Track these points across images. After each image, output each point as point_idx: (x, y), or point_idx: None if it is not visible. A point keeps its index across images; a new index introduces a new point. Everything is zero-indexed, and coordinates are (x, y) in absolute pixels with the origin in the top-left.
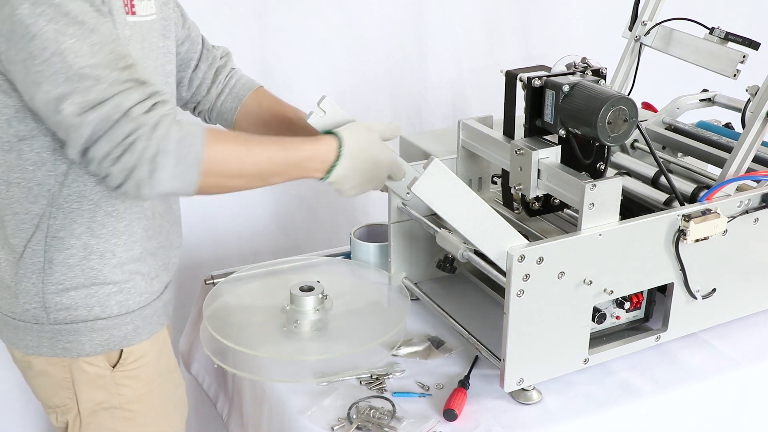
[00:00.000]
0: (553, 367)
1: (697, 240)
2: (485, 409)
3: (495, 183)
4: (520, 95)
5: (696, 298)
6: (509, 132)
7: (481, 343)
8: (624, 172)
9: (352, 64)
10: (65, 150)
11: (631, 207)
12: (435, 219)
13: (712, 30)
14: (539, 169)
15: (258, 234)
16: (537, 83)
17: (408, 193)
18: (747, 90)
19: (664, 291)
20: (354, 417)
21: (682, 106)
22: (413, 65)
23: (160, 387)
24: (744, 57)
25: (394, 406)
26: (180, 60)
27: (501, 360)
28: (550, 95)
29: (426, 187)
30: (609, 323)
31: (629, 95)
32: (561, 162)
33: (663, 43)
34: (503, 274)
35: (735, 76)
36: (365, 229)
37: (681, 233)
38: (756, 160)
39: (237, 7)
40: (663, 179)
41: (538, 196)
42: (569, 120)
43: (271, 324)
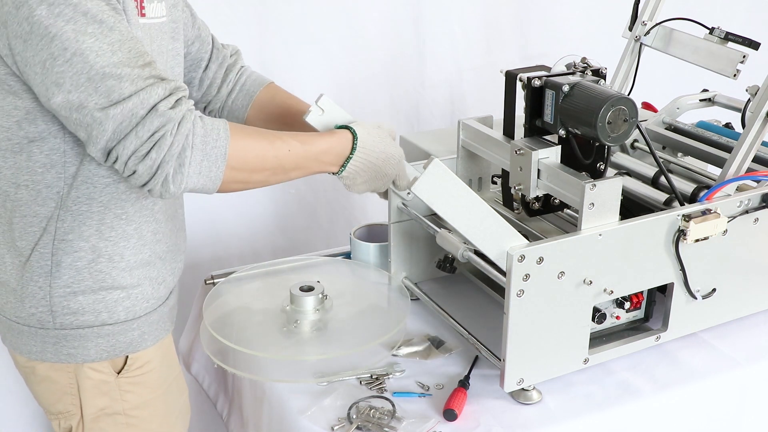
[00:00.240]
0: (553, 367)
1: (697, 240)
2: (485, 409)
3: (495, 183)
4: (520, 95)
5: (696, 298)
6: (509, 132)
7: (481, 343)
8: (624, 172)
9: (350, 63)
10: (87, 149)
11: (631, 207)
12: (435, 219)
13: (712, 30)
14: (539, 169)
15: (258, 234)
16: (537, 83)
17: (408, 193)
18: (747, 90)
19: (664, 291)
20: (354, 417)
21: (682, 106)
22: (411, 64)
23: (164, 394)
24: (744, 57)
25: (394, 406)
26: (191, 60)
27: (501, 360)
28: (550, 95)
29: (426, 187)
30: (609, 323)
31: (629, 95)
32: (561, 162)
33: (663, 43)
34: (503, 274)
35: (735, 76)
36: (365, 229)
37: (681, 233)
38: (756, 160)
39: (237, 7)
40: (663, 179)
41: (538, 196)
42: (569, 120)
43: (271, 324)
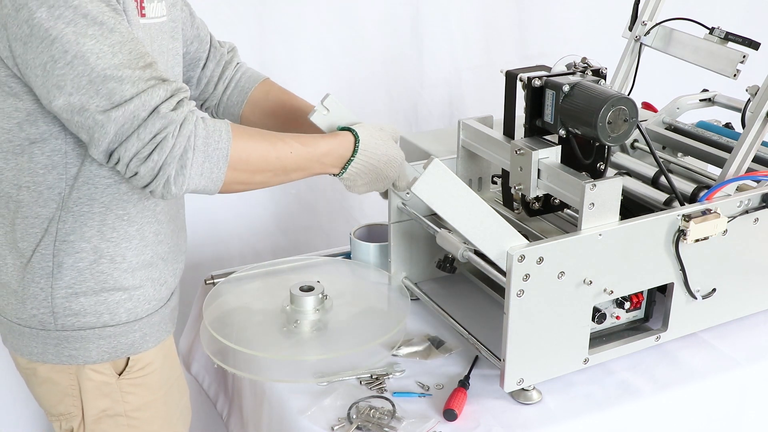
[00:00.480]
0: (553, 367)
1: (697, 240)
2: (485, 409)
3: (495, 183)
4: (520, 95)
5: (696, 298)
6: (509, 132)
7: (481, 343)
8: (624, 172)
9: (349, 63)
10: (89, 150)
11: (631, 207)
12: (435, 219)
13: (712, 30)
14: (539, 169)
15: (258, 234)
16: (537, 83)
17: (408, 193)
18: (747, 90)
19: (664, 291)
20: (354, 417)
21: (682, 106)
22: (410, 64)
23: (165, 395)
24: (744, 57)
25: (394, 406)
26: (189, 59)
27: (501, 360)
28: (550, 95)
29: (426, 187)
30: (609, 323)
31: (629, 95)
32: (561, 162)
33: (663, 43)
34: (503, 274)
35: (735, 76)
36: (365, 229)
37: (681, 233)
38: (756, 160)
39: (237, 7)
40: (663, 179)
41: (538, 196)
42: (569, 120)
43: (271, 324)
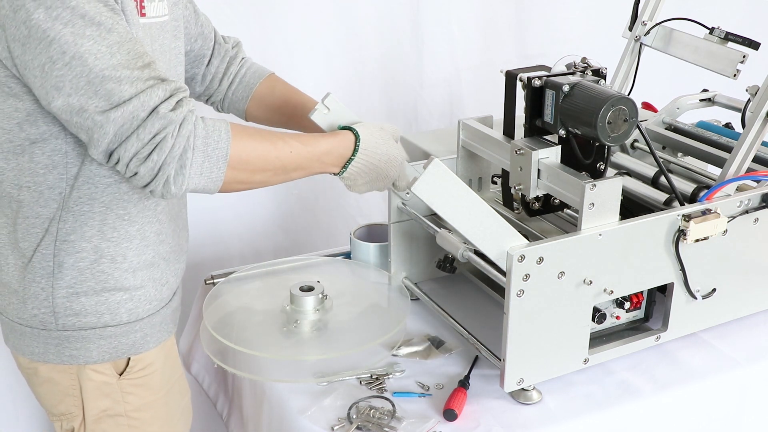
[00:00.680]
0: (553, 367)
1: (697, 240)
2: (485, 409)
3: (495, 183)
4: (520, 95)
5: (696, 298)
6: (509, 132)
7: (481, 343)
8: (624, 172)
9: (348, 62)
10: (88, 151)
11: (631, 207)
12: (435, 219)
13: (712, 30)
14: (539, 169)
15: (258, 234)
16: (537, 83)
17: (408, 193)
18: (747, 90)
19: (664, 291)
20: (354, 417)
21: (682, 106)
22: (410, 64)
23: (166, 395)
24: (744, 57)
25: (394, 406)
26: (193, 56)
27: (501, 360)
28: (550, 95)
29: (426, 187)
30: (609, 323)
31: (629, 95)
32: (561, 162)
33: (663, 43)
34: (503, 274)
35: (735, 76)
36: (365, 229)
37: (681, 233)
38: (756, 160)
39: (237, 7)
40: (663, 179)
41: (538, 196)
42: (569, 120)
43: (271, 324)
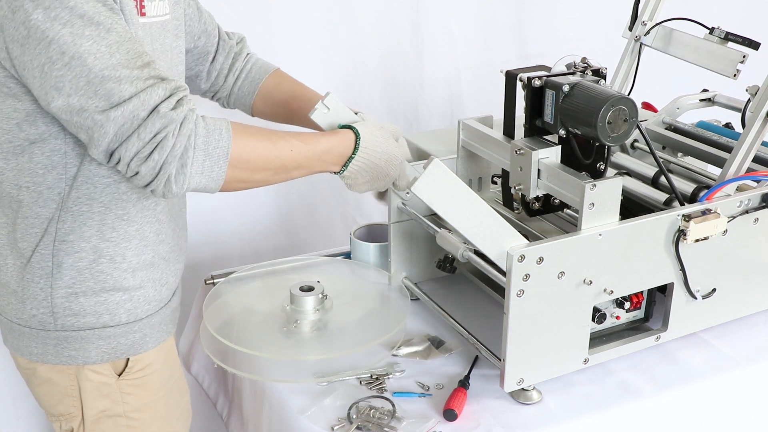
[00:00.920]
0: (553, 367)
1: (697, 240)
2: (485, 409)
3: (495, 183)
4: (520, 95)
5: (696, 298)
6: (509, 132)
7: (481, 343)
8: (624, 172)
9: (348, 62)
10: (88, 150)
11: (631, 207)
12: (435, 219)
13: (712, 30)
14: (539, 169)
15: (258, 234)
16: (537, 83)
17: (408, 193)
18: (747, 90)
19: (664, 291)
20: (354, 417)
21: (682, 106)
22: (410, 64)
23: (165, 396)
24: (744, 57)
25: (394, 406)
26: (198, 53)
27: (501, 360)
28: (550, 95)
29: (426, 187)
30: (609, 323)
31: (629, 95)
32: (561, 162)
33: (663, 43)
34: (503, 274)
35: (735, 76)
36: (365, 229)
37: (681, 233)
38: (756, 160)
39: (237, 7)
40: (663, 179)
41: (538, 196)
42: (569, 120)
43: (271, 324)
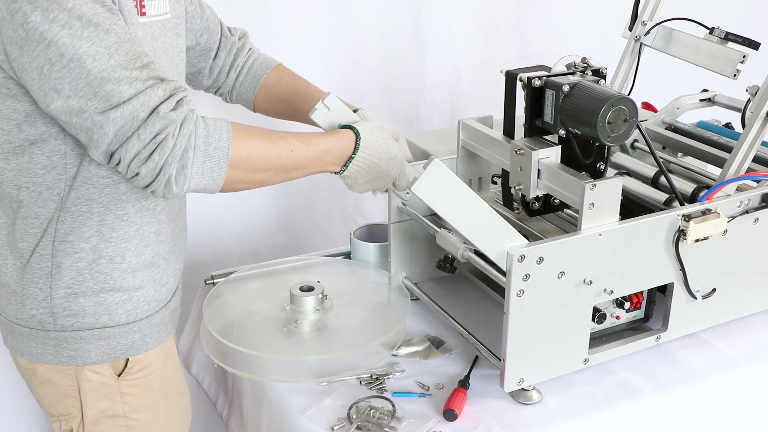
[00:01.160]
0: (553, 367)
1: (697, 240)
2: (485, 409)
3: (495, 183)
4: (520, 95)
5: (696, 298)
6: (509, 132)
7: (481, 343)
8: (624, 172)
9: (349, 62)
10: (88, 152)
11: (631, 207)
12: (435, 219)
13: (712, 30)
14: (539, 169)
15: (258, 234)
16: (537, 83)
17: (408, 193)
18: (747, 90)
19: (664, 291)
20: (354, 417)
21: (682, 106)
22: (410, 64)
23: (164, 396)
24: (744, 57)
25: (394, 406)
26: (200, 50)
27: (501, 360)
28: (550, 95)
29: (426, 187)
30: (609, 323)
31: (629, 95)
32: (561, 162)
33: (663, 43)
34: (503, 274)
35: (735, 76)
36: (365, 229)
37: (681, 233)
38: (756, 160)
39: (237, 7)
40: (663, 179)
41: (538, 196)
42: (569, 120)
43: (271, 324)
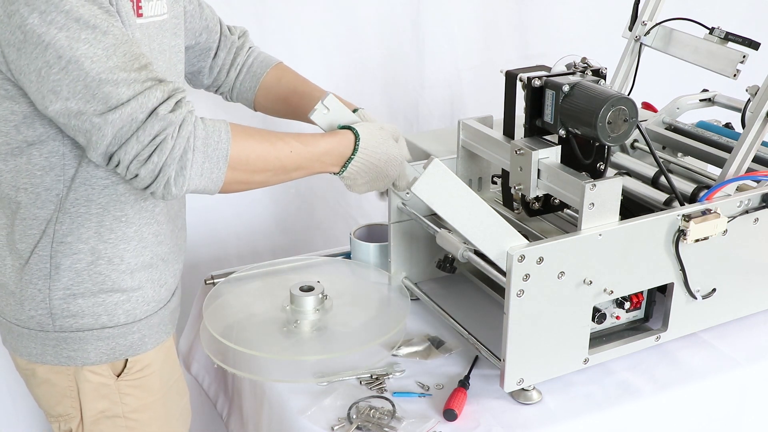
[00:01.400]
0: (553, 367)
1: (697, 240)
2: (485, 409)
3: (495, 183)
4: (520, 95)
5: (696, 298)
6: (509, 132)
7: (481, 343)
8: (624, 172)
9: (349, 63)
10: (87, 153)
11: (631, 207)
12: (435, 219)
13: (712, 30)
14: (539, 169)
15: (257, 234)
16: (537, 83)
17: (408, 193)
18: (747, 90)
19: (664, 291)
20: (354, 417)
21: (682, 106)
22: (410, 64)
23: (164, 397)
24: (744, 57)
25: (394, 406)
26: (199, 50)
27: (501, 360)
28: (550, 95)
29: (426, 187)
30: (609, 323)
31: (629, 95)
32: (561, 162)
33: (663, 43)
34: (503, 274)
35: (735, 76)
36: (365, 229)
37: (681, 233)
38: (756, 160)
39: (237, 7)
40: (663, 179)
41: (538, 196)
42: (569, 120)
43: (271, 324)
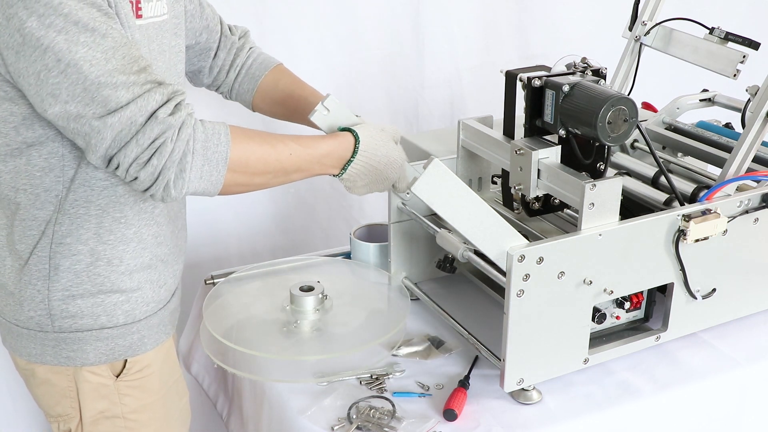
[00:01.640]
0: (553, 367)
1: (697, 240)
2: (485, 409)
3: (495, 183)
4: (520, 95)
5: (696, 298)
6: (509, 132)
7: (481, 343)
8: (624, 172)
9: (349, 63)
10: (86, 156)
11: (631, 207)
12: (435, 219)
13: (712, 30)
14: (539, 169)
15: (257, 234)
16: (537, 83)
17: (408, 193)
18: (747, 90)
19: (664, 291)
20: (354, 417)
21: (682, 106)
22: (410, 64)
23: (163, 397)
24: (744, 57)
25: (394, 406)
26: (199, 49)
27: (501, 360)
28: (550, 95)
29: (426, 187)
30: (609, 323)
31: (629, 95)
32: (561, 162)
33: (663, 43)
34: (503, 274)
35: (735, 76)
36: (365, 229)
37: (681, 233)
38: (756, 160)
39: (236, 7)
40: (663, 179)
41: (538, 196)
42: (569, 120)
43: (271, 324)
